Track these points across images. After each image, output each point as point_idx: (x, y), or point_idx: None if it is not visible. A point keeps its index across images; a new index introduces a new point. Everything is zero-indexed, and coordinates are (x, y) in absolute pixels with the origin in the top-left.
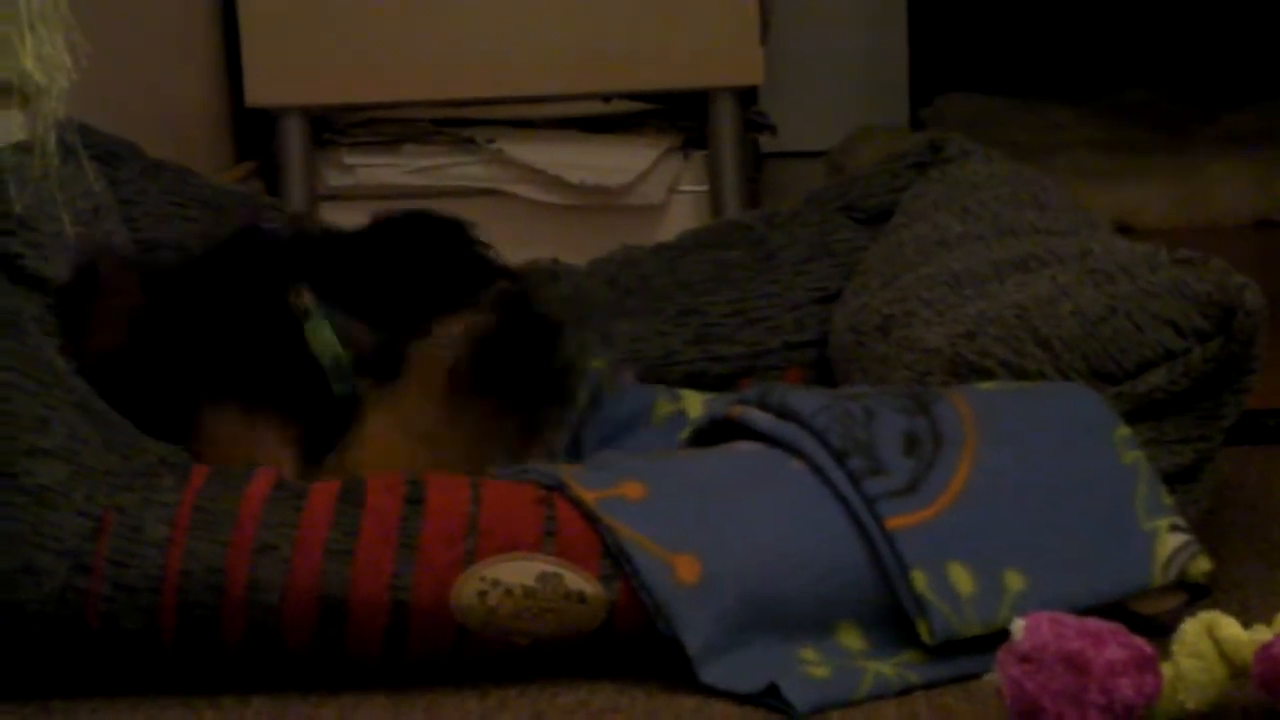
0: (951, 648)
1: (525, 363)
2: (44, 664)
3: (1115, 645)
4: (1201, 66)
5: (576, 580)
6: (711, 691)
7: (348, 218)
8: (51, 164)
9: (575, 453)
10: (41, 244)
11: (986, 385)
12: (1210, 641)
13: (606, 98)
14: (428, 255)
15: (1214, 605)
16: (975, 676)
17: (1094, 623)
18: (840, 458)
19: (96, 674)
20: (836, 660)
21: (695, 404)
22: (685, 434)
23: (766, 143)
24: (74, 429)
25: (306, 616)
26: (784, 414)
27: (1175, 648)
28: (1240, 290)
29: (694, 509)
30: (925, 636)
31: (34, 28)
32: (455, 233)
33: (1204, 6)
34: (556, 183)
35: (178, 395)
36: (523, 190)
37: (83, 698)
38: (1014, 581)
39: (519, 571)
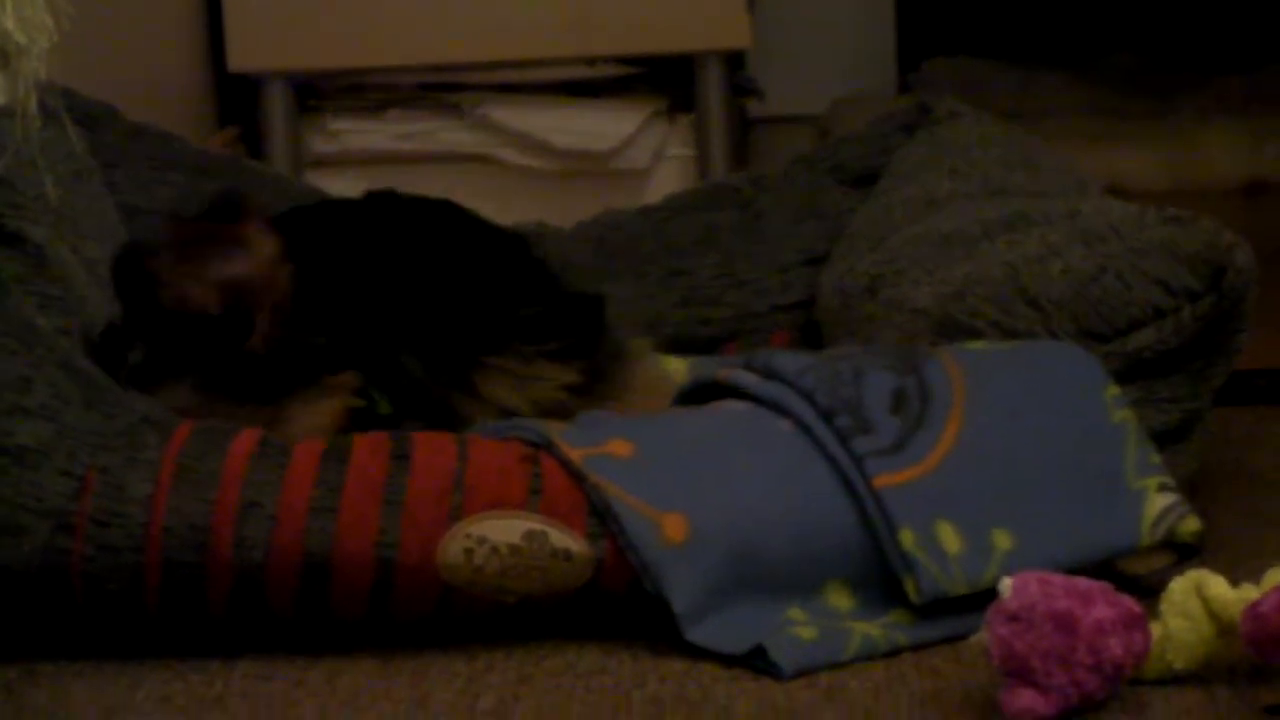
0: (939, 608)
1: None
2: (28, 627)
3: (1103, 604)
4: (1191, 30)
5: (562, 538)
6: (699, 653)
7: (333, 184)
8: (33, 126)
9: None
10: (23, 205)
11: (976, 344)
12: (1198, 601)
13: (592, 61)
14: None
15: (1202, 565)
16: (963, 637)
17: (1082, 582)
18: (828, 416)
19: (82, 637)
20: (824, 621)
21: (680, 369)
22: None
23: (753, 107)
24: (56, 388)
25: (291, 574)
26: (770, 375)
27: (1163, 607)
28: (1230, 249)
29: (681, 467)
30: (913, 595)
31: None
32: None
33: None
34: (542, 147)
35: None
36: (509, 155)
37: (68, 661)
38: (1002, 540)
39: (505, 529)
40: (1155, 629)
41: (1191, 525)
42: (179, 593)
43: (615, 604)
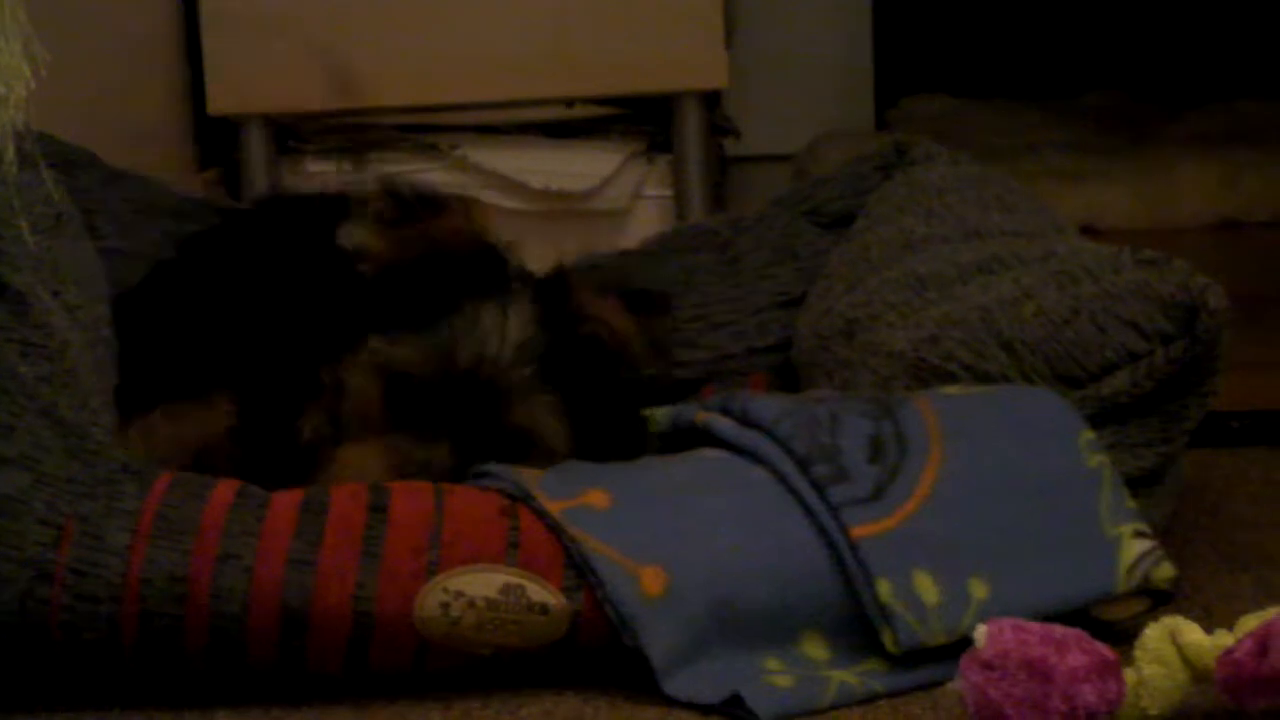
0: (915, 656)
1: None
2: (4, 677)
3: (1078, 652)
4: (1166, 67)
5: (540, 592)
6: (675, 703)
7: None
8: (10, 173)
9: None
10: (3, 251)
11: (951, 389)
12: (1173, 647)
13: (570, 103)
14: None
15: (1177, 610)
16: (939, 684)
17: (1057, 629)
18: (804, 465)
19: (59, 688)
20: (800, 670)
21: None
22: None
23: (731, 146)
24: (36, 437)
25: (269, 626)
26: (747, 421)
27: (1138, 653)
28: (1203, 291)
29: (659, 519)
30: (890, 646)
31: None
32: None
33: (1168, 7)
34: (521, 188)
35: None
36: (487, 196)
37: (44, 713)
38: (978, 589)
39: (482, 583)
40: (1130, 675)
41: (1166, 571)
42: (157, 643)
43: (593, 656)
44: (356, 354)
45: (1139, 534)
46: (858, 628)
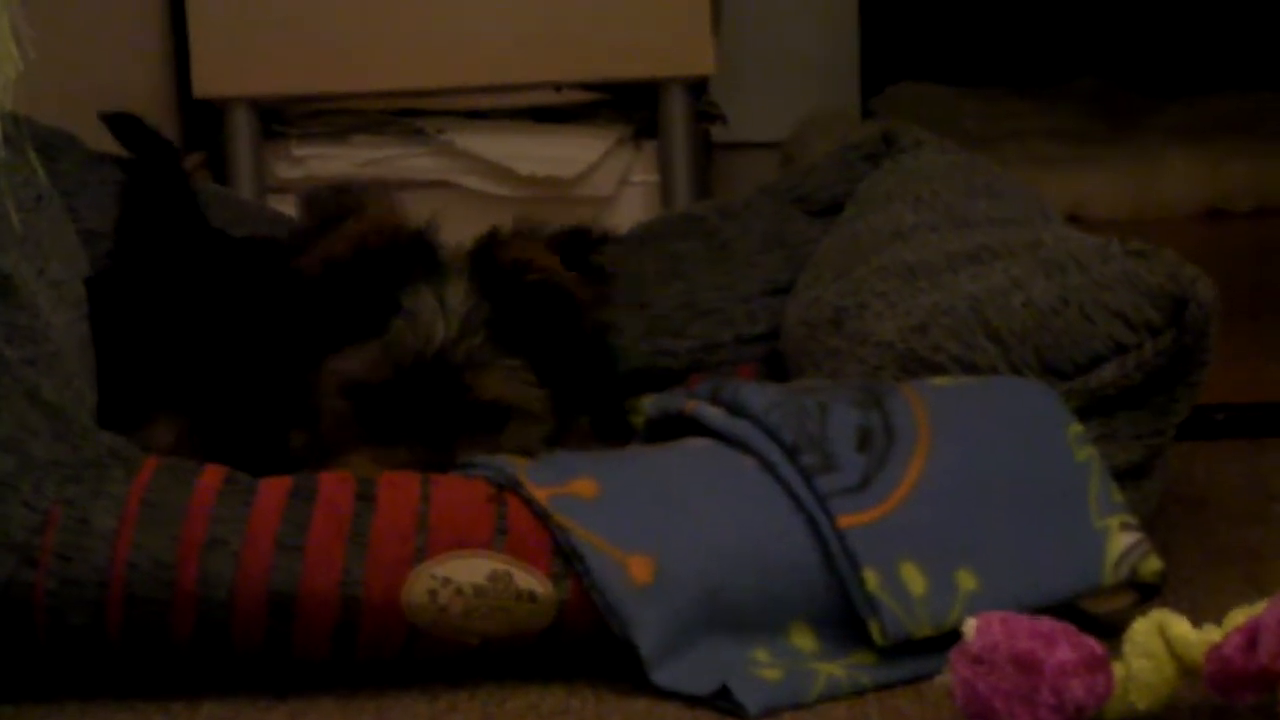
0: (903, 649)
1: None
2: None
3: (1066, 646)
4: (1152, 56)
5: (527, 579)
6: (662, 693)
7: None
8: None
9: None
10: None
11: (940, 380)
12: (1161, 641)
13: (558, 87)
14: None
15: (1163, 604)
16: (927, 678)
17: (1045, 623)
18: (792, 454)
19: (43, 678)
20: (788, 661)
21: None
22: (638, 422)
23: (717, 133)
24: (22, 419)
25: (256, 612)
26: (736, 410)
27: (1126, 647)
28: (1192, 282)
29: (647, 508)
30: (877, 637)
31: None
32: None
33: None
34: (507, 174)
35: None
36: (473, 182)
37: (29, 703)
38: (966, 581)
39: (470, 570)
40: (1118, 669)
41: (1153, 565)
42: (143, 628)
43: (579, 645)
44: (321, 377)
45: (1126, 526)
46: (846, 619)
